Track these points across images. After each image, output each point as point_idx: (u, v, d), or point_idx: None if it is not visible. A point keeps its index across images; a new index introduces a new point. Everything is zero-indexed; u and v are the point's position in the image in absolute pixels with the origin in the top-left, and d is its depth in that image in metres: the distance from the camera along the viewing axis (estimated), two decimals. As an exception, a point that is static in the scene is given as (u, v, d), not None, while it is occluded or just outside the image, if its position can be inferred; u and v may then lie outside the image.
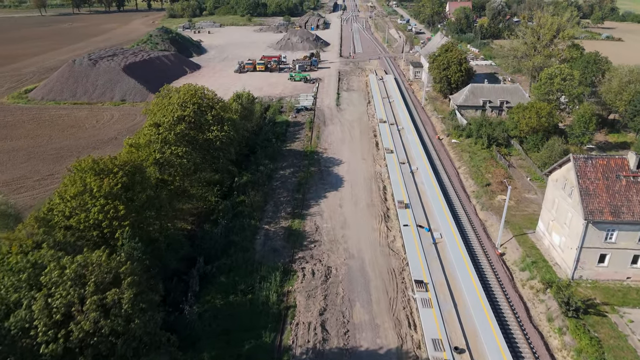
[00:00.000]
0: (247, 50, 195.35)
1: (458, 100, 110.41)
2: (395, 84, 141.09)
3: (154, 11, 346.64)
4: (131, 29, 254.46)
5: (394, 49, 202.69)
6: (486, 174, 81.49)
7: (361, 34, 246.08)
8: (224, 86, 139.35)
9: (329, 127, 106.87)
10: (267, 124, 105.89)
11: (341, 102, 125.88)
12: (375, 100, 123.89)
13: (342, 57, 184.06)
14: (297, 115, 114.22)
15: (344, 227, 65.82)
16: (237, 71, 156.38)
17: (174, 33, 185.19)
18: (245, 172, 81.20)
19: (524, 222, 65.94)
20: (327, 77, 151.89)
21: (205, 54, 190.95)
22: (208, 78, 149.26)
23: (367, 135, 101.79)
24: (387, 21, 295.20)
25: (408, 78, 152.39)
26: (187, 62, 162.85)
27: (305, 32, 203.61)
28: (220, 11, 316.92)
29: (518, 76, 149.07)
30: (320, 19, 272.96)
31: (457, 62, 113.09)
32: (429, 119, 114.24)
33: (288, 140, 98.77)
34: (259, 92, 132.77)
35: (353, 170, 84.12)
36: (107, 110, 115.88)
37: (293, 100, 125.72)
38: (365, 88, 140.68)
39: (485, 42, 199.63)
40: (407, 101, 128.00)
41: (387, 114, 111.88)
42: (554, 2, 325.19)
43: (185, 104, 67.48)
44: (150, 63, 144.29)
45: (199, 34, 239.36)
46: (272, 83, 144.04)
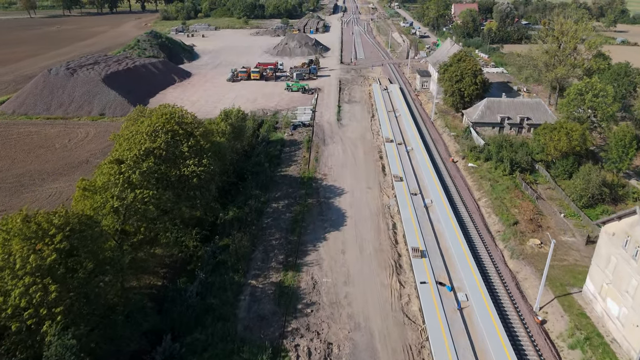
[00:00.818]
0: (241, 56, 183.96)
1: (473, 116, 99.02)
2: (401, 94, 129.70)
3: (148, 13, 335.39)
4: (121, 32, 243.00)
5: (398, 54, 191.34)
6: (512, 208, 70.03)
7: (363, 37, 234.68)
8: (214, 97, 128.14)
9: (329, 146, 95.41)
10: (260, 144, 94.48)
11: (342, 116, 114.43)
12: (379, 114, 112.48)
13: (343, 64, 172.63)
14: (293, 132, 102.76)
15: (348, 283, 54.37)
16: (230, 80, 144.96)
17: (163, 38, 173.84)
18: (232, 205, 69.82)
19: (565, 277, 54.52)
20: (327, 87, 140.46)
21: (197, 60, 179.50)
22: (198, 88, 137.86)
23: (372, 157, 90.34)
24: (389, 24, 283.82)
25: (415, 88, 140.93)
26: (177, 70, 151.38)
27: (303, 37, 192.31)
28: (216, 13, 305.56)
29: (534, 86, 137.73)
30: (319, 22, 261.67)
31: (471, 73, 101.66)
32: (440, 136, 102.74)
33: (283, 163, 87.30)
34: (252, 105, 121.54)
35: (357, 203, 72.65)
36: (83, 127, 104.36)
37: (289, 114, 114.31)
38: (369, 99, 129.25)
39: (495, 47, 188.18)
40: (415, 115, 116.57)
41: (394, 130, 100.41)
42: (562, 4, 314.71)
43: (157, 132, 55.99)
44: (134, 72, 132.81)
45: (192, 37, 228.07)
46: (267, 93, 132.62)
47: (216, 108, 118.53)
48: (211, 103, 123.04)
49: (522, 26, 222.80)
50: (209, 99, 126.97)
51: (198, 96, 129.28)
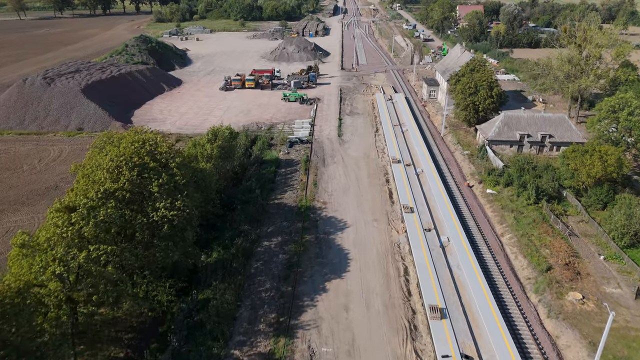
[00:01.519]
0: (237, 62, 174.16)
1: (489, 133, 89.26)
2: (407, 105, 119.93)
3: (143, 14, 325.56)
4: (113, 35, 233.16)
5: (402, 59, 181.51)
6: (542, 247, 60.25)
7: (364, 41, 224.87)
8: (205, 108, 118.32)
9: (330, 167, 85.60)
10: (253, 165, 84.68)
11: (344, 130, 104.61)
12: (384, 128, 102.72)
13: (343, 70, 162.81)
14: (289, 150, 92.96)
15: (352, 354, 44.54)
16: (222, 88, 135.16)
17: (153, 42, 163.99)
18: (217, 243, 60.09)
19: (615, 345, 44.79)
20: (326, 96, 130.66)
21: (189, 65, 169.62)
22: (188, 98, 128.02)
23: (378, 181, 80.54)
24: (391, 26, 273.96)
25: (421, 98, 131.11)
26: (166, 77, 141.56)
27: (302, 41, 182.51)
28: (212, 15, 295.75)
29: (549, 95, 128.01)
30: (319, 24, 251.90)
31: (486, 85, 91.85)
32: (452, 155, 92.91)
33: (278, 188, 77.47)
34: (246, 117, 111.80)
35: (362, 240, 62.86)
36: (58, 144, 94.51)
37: (286, 129, 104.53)
38: (372, 111, 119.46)
39: (504, 52, 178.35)
40: (423, 129, 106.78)
41: (401, 148, 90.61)
42: (569, 5, 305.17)
43: (121, 167, 46.17)
44: (119, 81, 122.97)
45: (186, 41, 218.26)
46: (262, 104, 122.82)
47: (206, 121, 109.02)
48: (201, 115, 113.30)
49: (532, 30, 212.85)
50: (199, 110, 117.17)
51: (187, 107, 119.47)
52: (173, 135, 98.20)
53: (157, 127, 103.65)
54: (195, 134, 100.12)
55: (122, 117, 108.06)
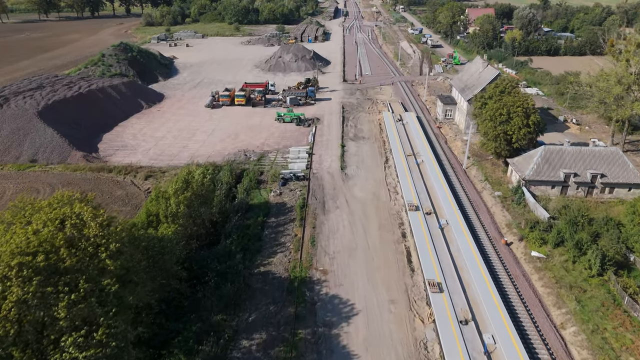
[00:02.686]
0: (228, 72, 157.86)
1: (525, 170, 72.98)
2: (420, 127, 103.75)
3: (133, 17, 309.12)
4: (97, 40, 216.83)
5: (409, 69, 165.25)
6: (622, 349, 43.98)
7: (367, 47, 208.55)
8: (186, 131, 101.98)
9: (331, 215, 69.30)
10: (236, 211, 68.32)
11: (347, 161, 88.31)
12: (395, 158, 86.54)
13: (346, 83, 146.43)
14: (282, 189, 76.68)
15: None
16: (208, 106, 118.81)
17: (135, 51, 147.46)
18: (177, 345, 43.68)
19: None
20: (327, 116, 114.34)
21: (175, 76, 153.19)
22: (168, 117, 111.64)
23: (392, 235, 64.26)
24: (395, 30, 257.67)
25: (435, 117, 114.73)
26: (146, 93, 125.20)
27: (300, 49, 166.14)
28: (205, 18, 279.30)
29: (582, 114, 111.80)
30: (319, 29, 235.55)
31: (522, 112, 75.51)
32: (479, 196, 76.54)
33: (265, 249, 61.16)
34: (233, 142, 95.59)
35: (375, 337, 46.54)
36: (2, 180, 78.20)
37: (279, 158, 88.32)
38: (380, 134, 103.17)
39: (523, 60, 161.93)
40: (441, 158, 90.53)
41: (418, 189, 74.32)
42: (583, 8, 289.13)
43: (10, 279, 29.81)
44: (88, 98, 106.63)
45: (175, 47, 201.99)
46: (253, 125, 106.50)
47: (186, 148, 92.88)
48: (181, 140, 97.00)
49: (552, 36, 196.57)
50: (179, 134, 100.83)
51: (166, 129, 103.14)
52: (143, 170, 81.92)
53: (127, 158, 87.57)
54: (171, 166, 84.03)
55: (87, 145, 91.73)
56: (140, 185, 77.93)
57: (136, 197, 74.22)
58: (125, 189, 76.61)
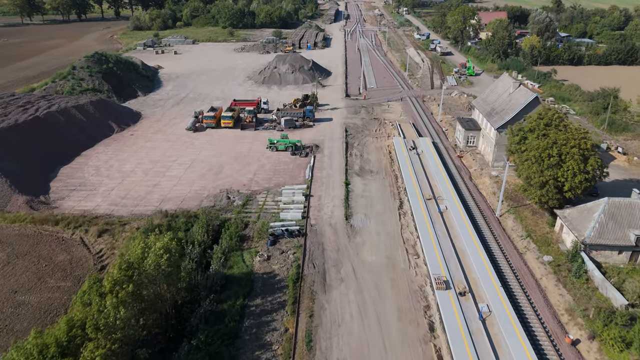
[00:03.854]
0: (217, 85, 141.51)
1: (584, 229, 56.62)
2: (437, 156, 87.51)
3: (123, 20, 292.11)
4: (79, 47, 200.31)
5: (419, 80, 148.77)
6: None
7: (371, 55, 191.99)
8: (160, 164, 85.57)
9: (334, 294, 52.90)
10: (209, 289, 51.99)
11: (353, 205, 71.85)
12: (412, 203, 70.25)
13: (348, 98, 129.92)
14: (271, 250, 60.28)
15: None
16: (190, 128, 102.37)
17: (111, 62, 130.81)
18: None
19: None
20: (327, 141, 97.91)
21: (157, 90, 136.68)
22: (142, 144, 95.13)
23: (416, 331, 47.83)
24: (400, 35, 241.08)
25: (454, 144, 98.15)
26: (119, 113, 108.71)
27: (297, 59, 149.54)
28: (198, 22, 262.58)
29: (625, 138, 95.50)
30: (318, 34, 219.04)
31: (578, 153, 59.11)
32: (523, 261, 59.97)
33: (243, 354, 44.70)
34: (214, 179, 79.23)
35: None
36: None
37: (269, 203, 72.00)
38: (390, 166, 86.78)
39: (546, 72, 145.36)
40: (467, 201, 74.11)
41: (445, 253, 57.90)
42: (599, 11, 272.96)
43: None
44: (45, 123, 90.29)
45: (162, 54, 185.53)
46: (240, 155, 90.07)
47: (156, 188, 76.52)
48: (152, 177, 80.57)
49: (574, 43, 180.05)
50: (151, 166, 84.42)
51: (136, 161, 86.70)
52: (99, 221, 65.56)
53: (82, 202, 71.31)
54: (135, 215, 67.74)
55: (35, 185, 75.26)
56: (91, 244, 61.53)
57: (82, 264, 57.82)
58: (71, 251, 60.20)
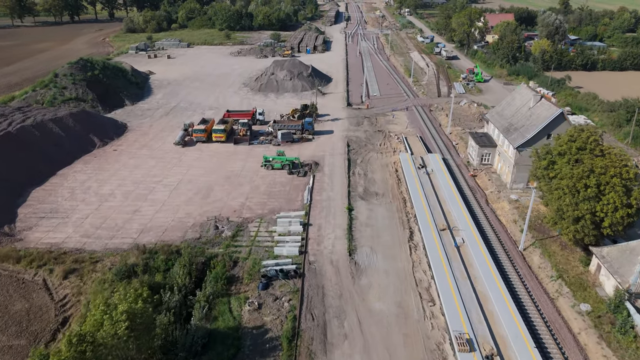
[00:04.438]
0: (211, 92, 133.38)
1: (629, 274, 48.41)
2: (449, 176, 79.32)
3: (117, 22, 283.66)
4: (68, 50, 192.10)
5: (424, 87, 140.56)
6: None
7: (373, 59, 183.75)
8: (143, 185, 77.29)
9: (335, 356, 44.53)
10: (189, 347, 43.75)
11: (357, 238, 63.60)
12: (424, 234, 62.17)
13: (350, 107, 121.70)
14: (263, 296, 52.02)
15: None
16: (179, 143, 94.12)
17: (97, 68, 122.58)
18: None
19: None
20: (328, 157, 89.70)
21: (147, 98, 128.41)
22: (125, 161, 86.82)
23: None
24: (403, 38, 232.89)
25: (466, 160, 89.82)
26: (102, 125, 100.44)
27: (296, 64, 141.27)
28: (194, 24, 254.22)
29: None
30: (318, 37, 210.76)
31: (620, 184, 50.88)
32: (555, 308, 51.64)
33: None
34: (202, 204, 70.96)
35: None
36: None
37: (262, 232, 63.83)
38: (397, 187, 78.52)
39: (560, 79, 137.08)
40: (486, 231, 65.86)
41: (467, 303, 49.65)
42: (607, 12, 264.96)
43: None
44: (17, 139, 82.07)
45: (154, 59, 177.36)
46: (232, 175, 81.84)
47: (137, 215, 68.37)
48: (132, 201, 72.31)
49: (588, 47, 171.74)
50: (133, 188, 76.11)
51: (117, 182, 78.43)
52: (67, 257, 57.39)
53: (51, 233, 63.21)
54: (109, 249, 59.65)
55: (0, 212, 67.02)
56: (55, 289, 53.29)
57: (42, 315, 49.57)
58: (31, 297, 51.96)
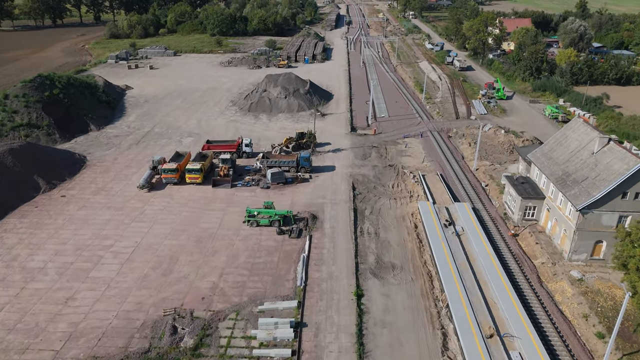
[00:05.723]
0: (193, 112, 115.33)
1: None
2: (485, 239, 61.20)
3: (102, 25, 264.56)
4: (41, 59, 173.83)
5: (439, 106, 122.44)
6: None
7: (378, 70, 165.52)
8: (83, 256, 58.02)
9: None
10: None
11: (371, 354, 45.41)
12: (464, 343, 44.08)
13: (354, 133, 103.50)
14: None
15: None
16: (144, 186, 75.78)
17: (60, 85, 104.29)
18: None
19: None
20: (328, 208, 71.41)
21: (118, 121, 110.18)
22: (70, 216, 68.41)
23: None
24: (410, 45, 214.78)
25: (503, 211, 71.43)
26: (53, 161, 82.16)
27: (291, 80, 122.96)
28: (184, 28, 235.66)
29: None
30: (318, 44, 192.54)
31: None
32: None
33: None
34: (159, 288, 52.69)
35: None
36: None
37: (236, 337, 45.70)
38: (418, 253, 60.32)
39: (596, 98, 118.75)
40: (549, 338, 47.72)
41: None
42: (627, 16, 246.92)
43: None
44: None
45: (135, 69, 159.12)
46: (204, 236, 63.53)
47: (68, 307, 50.53)
48: (66, 283, 53.96)
49: (622, 57, 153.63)
50: (71, 262, 57.64)
51: (53, 248, 60.06)
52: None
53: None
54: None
55: None
56: None
57: None
58: None
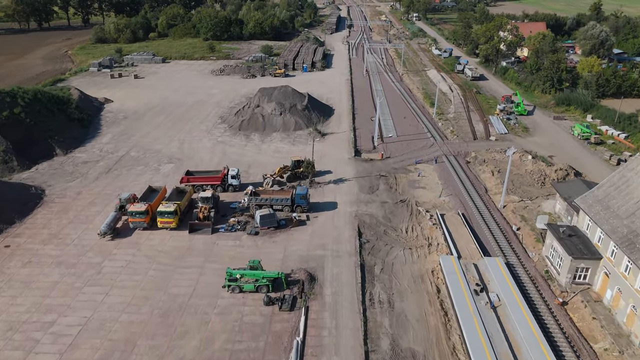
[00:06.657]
0: (177, 131, 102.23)
1: None
2: (529, 314, 48.12)
3: (92, 28, 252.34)
4: (17, 67, 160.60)
5: (452, 123, 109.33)
6: None
7: (383, 80, 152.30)
8: (17, 341, 45.06)
9: None
10: None
11: None
12: None
13: (358, 158, 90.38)
14: None
15: None
16: (106, 233, 62.50)
17: (24, 102, 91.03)
18: None
19: None
20: (329, 263, 58.20)
21: (90, 142, 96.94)
22: (10, 275, 55.11)
23: None
24: (416, 50, 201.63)
25: (542, 268, 58.26)
26: (1, 197, 69.07)
27: (288, 94, 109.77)
28: (176, 32, 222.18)
29: None
30: (317, 49, 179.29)
31: None
32: None
33: None
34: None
35: None
36: None
37: None
38: (444, 334, 47.24)
39: (631, 115, 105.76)
40: None
41: None
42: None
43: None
44: None
45: (119, 78, 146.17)
46: (172, 307, 50.36)
47: None
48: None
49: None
50: (3, 345, 44.80)
51: (-19, 326, 47.06)
52: None
53: None
54: None
55: None
56: None
57: None
58: None
